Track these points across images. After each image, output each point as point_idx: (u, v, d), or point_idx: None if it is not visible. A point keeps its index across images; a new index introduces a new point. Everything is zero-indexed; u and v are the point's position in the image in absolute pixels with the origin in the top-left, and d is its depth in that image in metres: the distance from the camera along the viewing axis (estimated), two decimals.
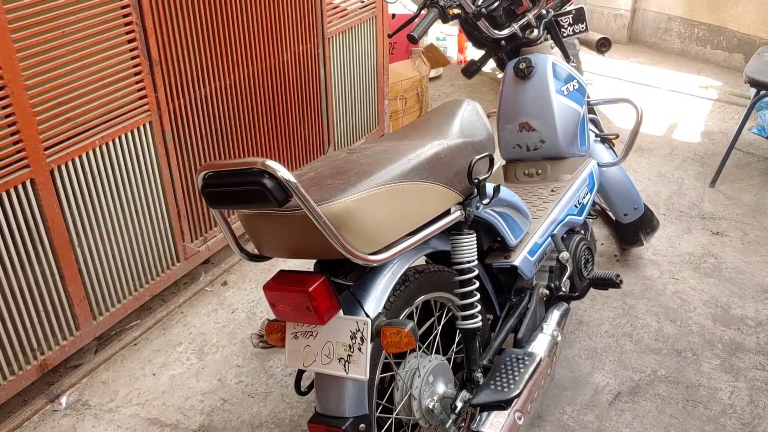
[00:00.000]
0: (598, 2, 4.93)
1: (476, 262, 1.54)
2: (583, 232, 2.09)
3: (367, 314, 1.32)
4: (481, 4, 1.92)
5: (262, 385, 2.11)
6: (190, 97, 2.27)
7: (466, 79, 2.30)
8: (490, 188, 1.54)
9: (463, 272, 1.53)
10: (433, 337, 1.57)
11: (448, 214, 1.47)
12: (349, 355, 1.30)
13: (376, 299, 1.35)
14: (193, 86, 2.27)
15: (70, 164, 1.94)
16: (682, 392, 1.99)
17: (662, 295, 2.39)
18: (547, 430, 1.88)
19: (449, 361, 1.61)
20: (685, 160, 3.33)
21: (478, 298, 1.54)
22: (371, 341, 1.30)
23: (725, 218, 2.83)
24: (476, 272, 1.54)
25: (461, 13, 1.93)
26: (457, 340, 1.63)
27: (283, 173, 1.11)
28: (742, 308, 2.31)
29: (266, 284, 1.33)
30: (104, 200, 2.08)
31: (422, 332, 1.56)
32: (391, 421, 1.49)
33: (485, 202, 1.53)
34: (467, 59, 3.33)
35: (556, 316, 1.85)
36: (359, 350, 1.30)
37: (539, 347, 1.74)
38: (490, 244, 1.79)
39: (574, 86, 2.11)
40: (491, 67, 3.81)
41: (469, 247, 1.52)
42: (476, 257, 1.54)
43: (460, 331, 1.57)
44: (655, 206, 2.84)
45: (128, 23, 2.00)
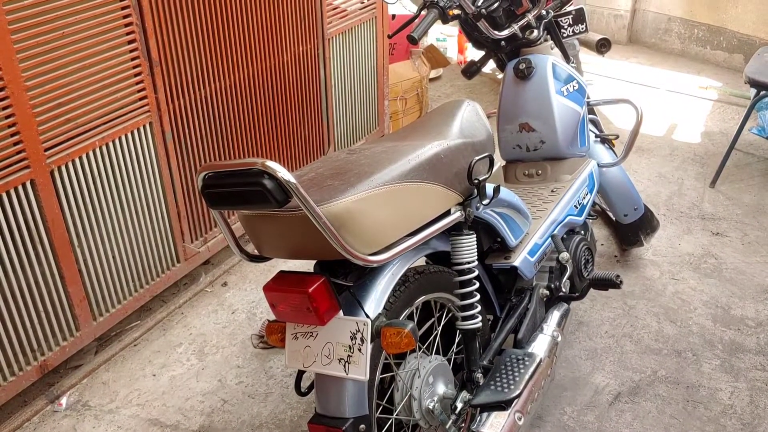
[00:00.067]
0: (598, 3, 4.93)
1: (476, 262, 1.54)
2: (583, 232, 2.10)
3: (367, 315, 1.32)
4: (480, 4, 1.92)
5: (262, 385, 2.11)
6: (190, 97, 2.28)
7: (466, 79, 2.30)
8: (490, 189, 1.54)
9: (463, 273, 1.53)
10: (433, 337, 1.57)
11: (448, 214, 1.47)
12: (349, 355, 1.30)
13: (376, 300, 1.35)
14: (193, 87, 2.27)
15: (70, 165, 1.94)
16: (682, 393, 1.99)
17: (662, 295, 2.39)
18: (547, 430, 1.88)
19: (449, 361, 1.61)
20: (685, 160, 3.33)
21: (478, 298, 1.54)
22: (371, 342, 1.30)
23: (725, 219, 2.83)
24: (476, 273, 1.54)
25: (461, 13, 1.93)
26: (457, 340, 1.63)
27: (283, 174, 1.11)
28: (742, 309, 2.31)
29: (266, 285, 1.33)
30: (104, 201, 2.08)
31: (422, 333, 1.57)
32: (391, 421, 1.49)
33: (485, 202, 1.53)
34: (467, 60, 3.32)
35: (556, 316, 1.85)
36: (359, 351, 1.30)
37: (539, 348, 1.74)
38: (490, 244, 1.79)
39: (574, 87, 2.11)
40: (491, 67, 3.82)
41: (469, 247, 1.52)
42: (476, 258, 1.54)
43: (460, 331, 1.57)
44: (655, 207, 2.84)
45: (128, 24, 2.00)
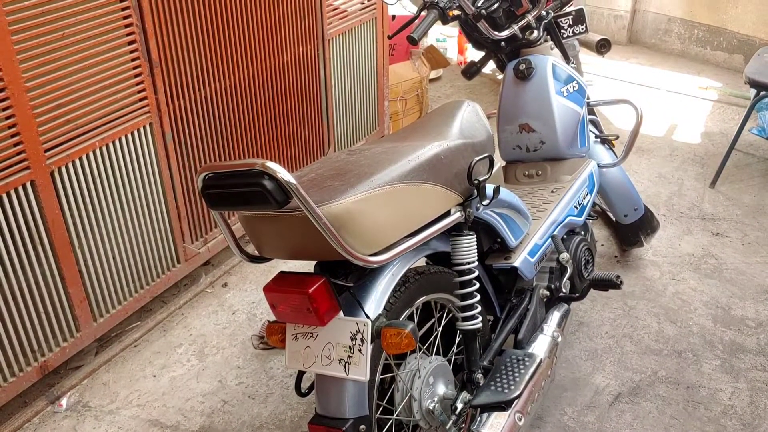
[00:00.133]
0: (598, 3, 4.93)
1: (476, 263, 1.54)
2: (583, 233, 2.10)
3: (367, 315, 1.32)
4: (480, 5, 1.92)
5: (262, 386, 2.11)
6: (190, 98, 2.28)
7: (466, 80, 2.30)
8: (490, 189, 1.54)
9: (463, 273, 1.53)
10: (433, 338, 1.57)
11: (448, 215, 1.47)
12: (349, 356, 1.30)
13: (376, 300, 1.35)
14: (193, 87, 2.28)
15: (70, 166, 1.94)
16: (682, 393, 1.99)
17: (662, 296, 2.39)
18: (547, 431, 1.88)
19: (449, 362, 1.62)
20: (685, 161, 3.33)
21: (478, 299, 1.54)
22: (371, 342, 1.30)
23: (725, 219, 2.83)
24: (476, 273, 1.54)
25: (461, 14, 1.93)
26: (457, 341, 1.63)
27: (283, 174, 1.11)
28: (742, 309, 2.31)
29: (266, 286, 1.33)
30: (104, 202, 2.08)
31: (422, 333, 1.56)
32: (391, 422, 1.49)
33: (485, 203, 1.53)
34: (467, 60, 3.33)
35: (556, 317, 1.85)
36: (359, 351, 1.30)
37: (539, 348, 1.74)
38: (490, 245, 1.79)
39: (573, 87, 2.11)
40: (491, 68, 3.83)
41: (469, 248, 1.52)
42: (476, 258, 1.54)
43: (460, 332, 1.57)
44: (655, 207, 2.84)
45: (128, 25, 2.01)
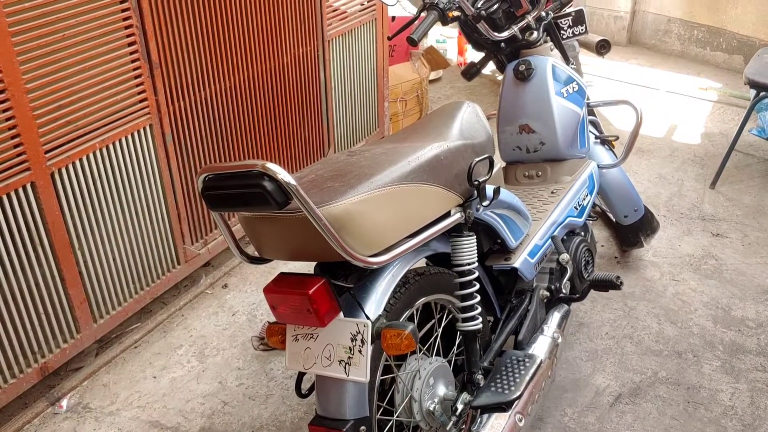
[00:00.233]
0: (597, 4, 4.93)
1: (476, 264, 1.54)
2: (583, 233, 2.10)
3: (367, 316, 1.32)
4: (480, 6, 1.92)
5: (262, 387, 2.11)
6: (190, 99, 2.28)
7: (465, 81, 2.30)
8: (490, 190, 1.54)
9: (463, 274, 1.53)
10: (433, 339, 1.57)
11: (448, 216, 1.47)
12: (349, 357, 1.30)
13: (376, 301, 1.35)
14: (193, 89, 2.28)
15: (70, 167, 1.94)
16: (682, 394, 1.99)
17: (663, 296, 2.39)
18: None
19: (450, 363, 1.61)
20: (685, 161, 3.33)
21: (478, 300, 1.54)
22: (372, 343, 1.30)
23: (725, 220, 2.83)
24: (476, 274, 1.54)
25: (461, 15, 1.93)
26: (457, 342, 1.63)
27: (283, 175, 1.11)
28: (742, 310, 2.31)
29: (266, 287, 1.33)
30: (104, 203, 2.08)
31: (423, 334, 1.56)
32: (391, 423, 1.49)
33: (485, 204, 1.53)
34: (467, 61, 3.34)
35: (556, 317, 1.85)
36: (360, 352, 1.30)
37: (540, 349, 1.74)
38: (490, 246, 1.79)
39: (573, 88, 2.11)
40: (491, 69, 3.83)
41: (469, 249, 1.52)
42: (476, 259, 1.54)
43: (460, 333, 1.57)
44: (655, 208, 2.84)
45: (128, 26, 2.01)
